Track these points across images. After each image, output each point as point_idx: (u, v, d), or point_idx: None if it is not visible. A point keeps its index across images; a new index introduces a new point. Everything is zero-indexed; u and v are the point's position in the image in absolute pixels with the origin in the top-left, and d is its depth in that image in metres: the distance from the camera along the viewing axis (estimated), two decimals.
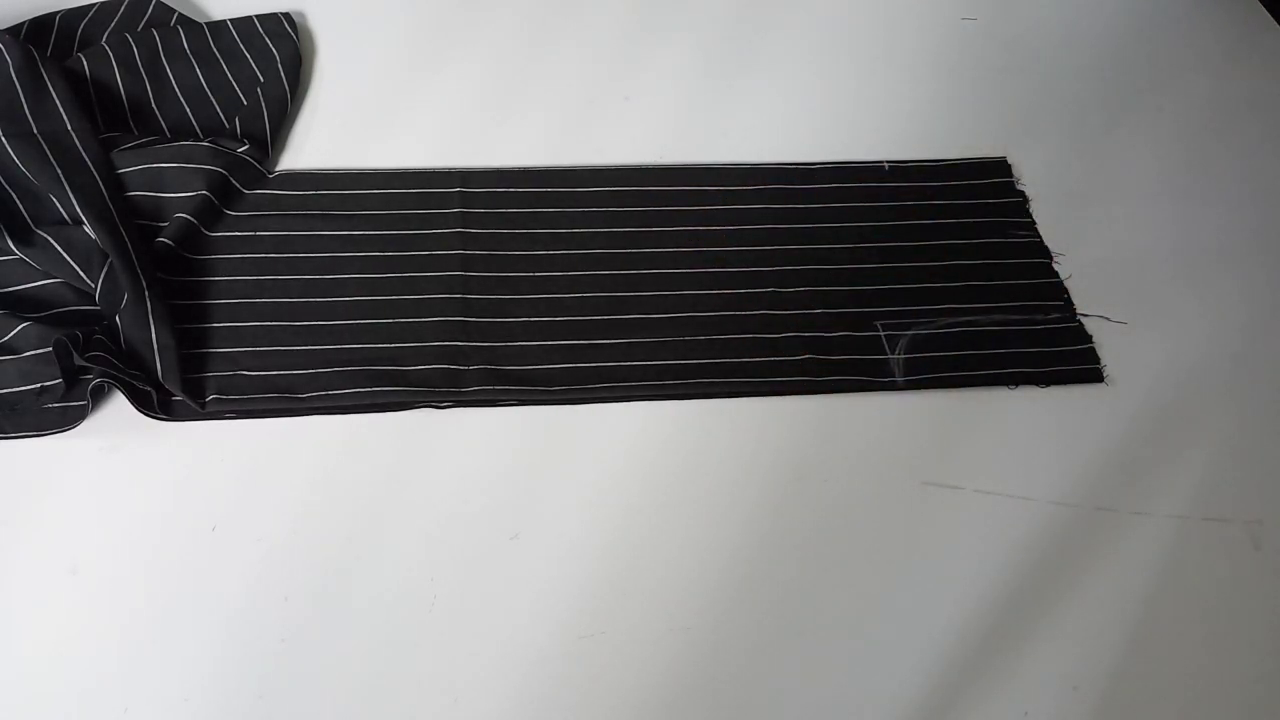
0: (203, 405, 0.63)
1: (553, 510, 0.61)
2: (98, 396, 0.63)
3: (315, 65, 0.86)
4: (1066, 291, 0.74)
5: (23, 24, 0.81)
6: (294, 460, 0.62)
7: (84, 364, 0.60)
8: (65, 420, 0.62)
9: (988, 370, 0.69)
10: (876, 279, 0.74)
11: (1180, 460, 0.66)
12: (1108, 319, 0.73)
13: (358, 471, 0.62)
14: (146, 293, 0.64)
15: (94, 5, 0.85)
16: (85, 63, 0.77)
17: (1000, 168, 0.82)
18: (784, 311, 0.71)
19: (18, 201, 0.70)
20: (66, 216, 0.68)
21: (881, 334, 0.71)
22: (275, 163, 0.78)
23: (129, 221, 0.68)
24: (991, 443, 0.66)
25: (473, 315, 0.69)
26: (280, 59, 0.83)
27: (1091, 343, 0.71)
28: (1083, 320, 0.73)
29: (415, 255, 0.72)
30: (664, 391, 0.67)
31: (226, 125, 0.78)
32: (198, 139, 0.75)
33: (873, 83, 0.89)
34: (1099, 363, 0.70)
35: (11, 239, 0.66)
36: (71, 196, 0.67)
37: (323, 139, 0.80)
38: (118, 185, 0.70)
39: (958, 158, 0.81)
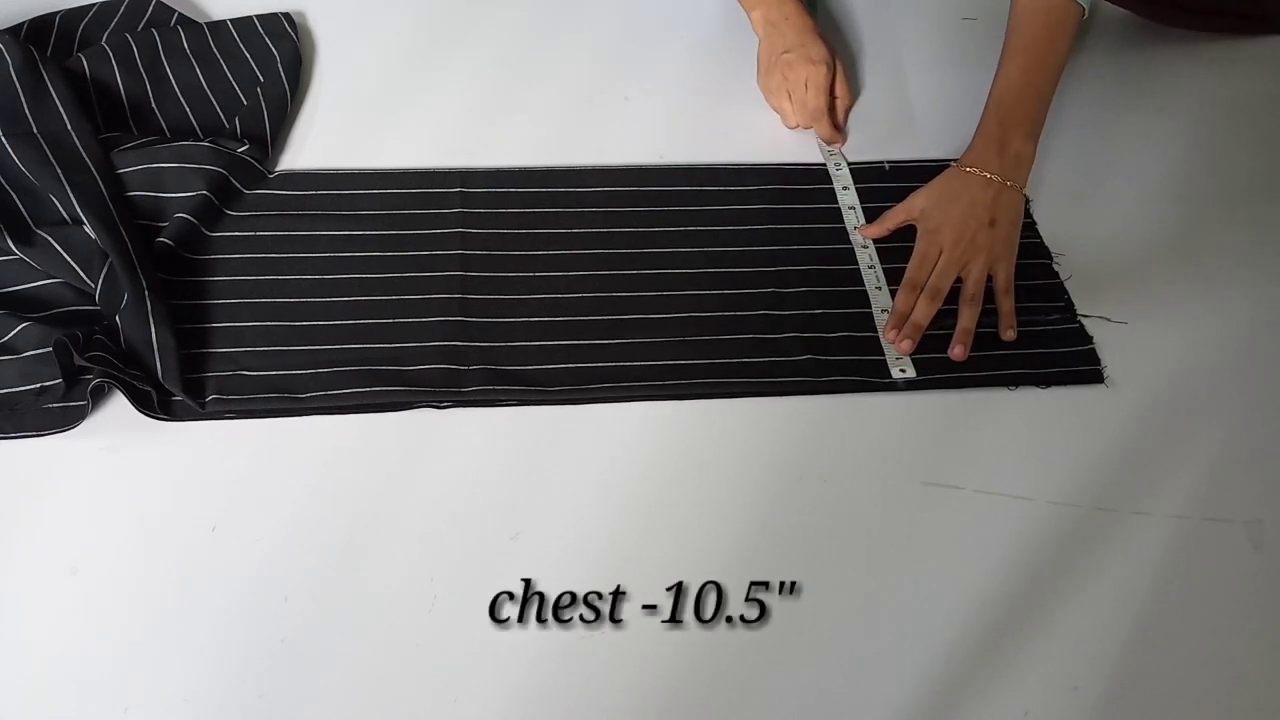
0: (203, 405, 0.63)
1: (553, 510, 0.61)
2: (98, 396, 0.63)
3: (315, 65, 0.86)
4: (1066, 292, 0.74)
5: (23, 24, 0.82)
6: (294, 460, 0.62)
7: (84, 364, 0.60)
8: (65, 420, 0.62)
9: (988, 370, 0.69)
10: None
11: (1180, 460, 0.66)
12: (1108, 319, 0.73)
13: (358, 471, 0.62)
14: (146, 293, 0.64)
15: (94, 5, 0.85)
16: (85, 63, 0.77)
17: None
18: (784, 311, 0.71)
19: (18, 201, 0.70)
20: (66, 216, 0.68)
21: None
22: (275, 163, 0.78)
23: (129, 221, 0.68)
24: (991, 443, 0.66)
25: (473, 315, 0.69)
26: (280, 59, 0.83)
27: (1092, 343, 0.71)
28: (1083, 320, 0.73)
29: (415, 255, 0.72)
30: (664, 391, 0.67)
31: (226, 125, 0.78)
32: (198, 139, 0.75)
33: (873, 83, 0.89)
34: (1099, 363, 0.70)
35: (11, 239, 0.66)
36: (71, 196, 0.67)
37: (323, 139, 0.80)
38: (118, 185, 0.70)
39: (958, 158, 0.81)
